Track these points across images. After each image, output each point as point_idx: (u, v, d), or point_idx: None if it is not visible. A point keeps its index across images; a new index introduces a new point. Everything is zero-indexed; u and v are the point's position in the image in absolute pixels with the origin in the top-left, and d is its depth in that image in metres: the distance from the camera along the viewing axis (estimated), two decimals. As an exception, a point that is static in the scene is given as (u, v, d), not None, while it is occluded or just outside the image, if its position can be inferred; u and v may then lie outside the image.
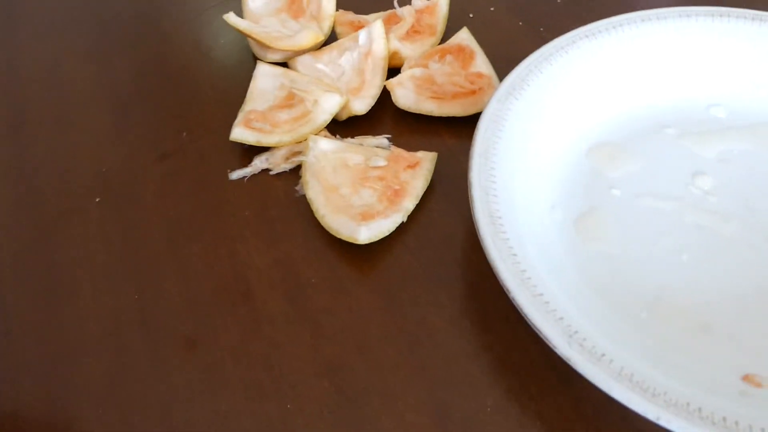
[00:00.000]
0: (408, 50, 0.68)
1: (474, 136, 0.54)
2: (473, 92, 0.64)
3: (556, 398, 0.47)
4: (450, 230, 0.58)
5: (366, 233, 0.55)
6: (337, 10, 0.74)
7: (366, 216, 0.56)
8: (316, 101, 0.63)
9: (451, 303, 0.53)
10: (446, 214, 0.59)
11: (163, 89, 0.73)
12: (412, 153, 0.61)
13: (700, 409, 0.40)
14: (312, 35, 0.68)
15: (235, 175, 0.63)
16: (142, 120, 0.70)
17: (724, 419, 0.40)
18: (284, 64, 0.71)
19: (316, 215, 0.57)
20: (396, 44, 0.67)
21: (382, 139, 0.64)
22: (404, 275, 0.55)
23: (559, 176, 0.57)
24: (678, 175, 0.57)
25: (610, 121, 0.61)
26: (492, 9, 0.77)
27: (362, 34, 0.67)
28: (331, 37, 0.72)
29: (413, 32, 0.70)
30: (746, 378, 0.45)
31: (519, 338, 0.50)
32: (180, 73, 0.75)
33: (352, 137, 0.65)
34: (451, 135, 0.65)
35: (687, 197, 0.55)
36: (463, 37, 0.68)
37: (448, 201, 0.60)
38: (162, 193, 0.63)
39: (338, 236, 0.56)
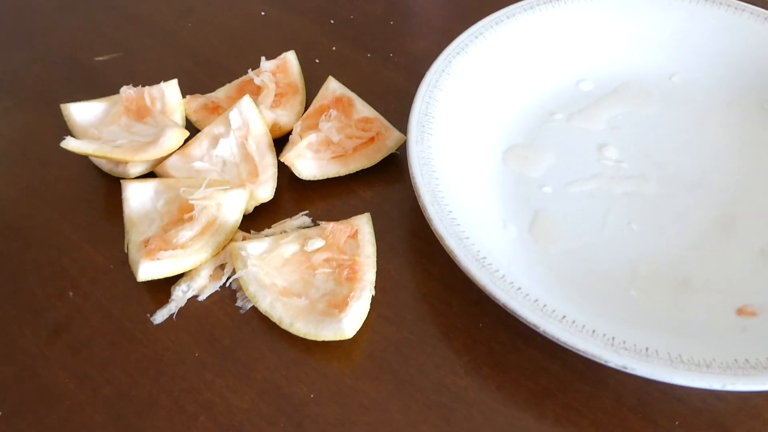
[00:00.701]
0: (284, 117, 0.64)
1: (412, 176, 0.53)
2: (372, 140, 0.62)
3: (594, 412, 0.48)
4: (415, 283, 0.55)
5: (350, 324, 0.50)
6: (183, 96, 0.66)
7: (337, 305, 0.51)
8: (219, 204, 0.56)
9: (459, 355, 0.51)
10: (403, 268, 0.56)
11: (11, 248, 0.59)
12: (343, 222, 0.57)
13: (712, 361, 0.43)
14: (178, 134, 0.60)
15: (159, 317, 0.54)
16: (12, 290, 0.56)
17: (747, 361, 0.43)
18: (150, 174, 0.62)
19: (282, 325, 0.51)
20: (270, 115, 0.62)
21: (303, 218, 0.59)
22: (397, 347, 0.52)
23: (495, 192, 0.58)
24: (587, 155, 0.61)
25: (511, 122, 0.63)
26: (334, 48, 0.75)
27: (233, 116, 0.61)
28: (189, 128, 0.64)
29: (278, 96, 0.65)
30: (740, 311, 0.50)
31: (534, 360, 0.50)
32: (21, 224, 0.61)
33: (269, 227, 0.59)
34: (364, 187, 0.62)
35: (605, 171, 0.59)
36: (335, 87, 0.65)
37: (399, 254, 0.57)
38: (77, 375, 0.51)
39: (319, 339, 0.50)
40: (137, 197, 0.59)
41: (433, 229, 0.50)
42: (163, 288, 0.55)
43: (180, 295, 0.55)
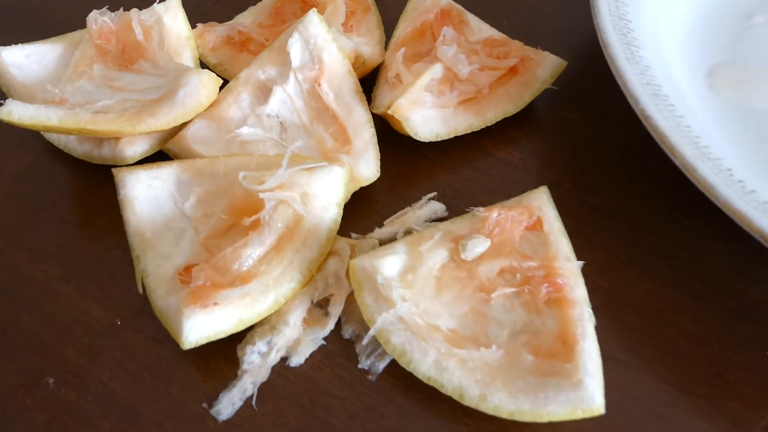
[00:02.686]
0: (364, 46, 0.40)
1: (646, 116, 0.31)
2: (513, 71, 0.39)
3: None
4: (637, 291, 0.34)
5: (595, 386, 0.28)
6: (193, 27, 0.41)
7: (554, 352, 0.29)
8: (305, 195, 0.32)
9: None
10: (608, 269, 0.35)
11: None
12: (512, 204, 0.34)
13: None
14: (209, 80, 0.35)
15: (225, 407, 0.30)
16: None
17: None
18: (157, 156, 0.37)
19: (465, 401, 0.29)
20: (348, 42, 0.38)
21: (433, 204, 0.36)
22: (656, 414, 0.30)
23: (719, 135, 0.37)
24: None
25: (700, 35, 0.42)
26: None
27: (294, 47, 0.36)
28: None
29: (348, 15, 0.41)
30: None
31: None
32: None
33: (380, 226, 0.35)
34: (504, 146, 0.39)
35: None
36: (435, -3, 0.41)
37: (592, 245, 0.35)
38: None
39: (543, 420, 0.28)
40: (147, 195, 0.34)
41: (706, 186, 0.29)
42: (223, 352, 0.31)
43: (257, 362, 0.31)
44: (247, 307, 0.31)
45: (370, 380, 0.31)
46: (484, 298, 0.32)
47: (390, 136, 0.38)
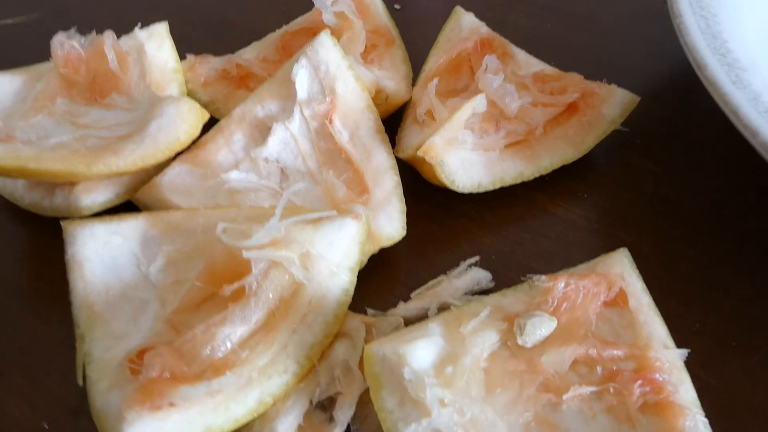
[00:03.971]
0: (389, 81, 0.32)
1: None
2: (574, 106, 0.31)
3: None
4: (756, 390, 0.24)
5: None
6: (182, 58, 0.34)
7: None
8: (307, 255, 0.24)
9: None
10: (711, 356, 0.25)
11: None
12: (581, 273, 0.25)
13: None
14: (191, 113, 0.28)
15: None
16: None
17: None
18: (125, 208, 0.29)
19: None
20: (368, 74, 0.31)
21: (476, 273, 0.27)
22: None
23: None
24: None
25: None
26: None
27: (300, 76, 0.29)
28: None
29: (367, 48, 0.34)
30: None
31: None
32: None
33: (405, 300, 0.27)
34: (556, 197, 0.31)
35: None
36: (473, 23, 0.34)
37: (688, 327, 0.26)
38: None
39: None
40: (102, 255, 0.26)
41: None
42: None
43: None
44: (219, 409, 0.22)
45: None
46: (553, 400, 0.23)
47: (419, 187, 0.31)
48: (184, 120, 0.27)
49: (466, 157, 0.29)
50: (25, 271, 0.29)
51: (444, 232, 0.30)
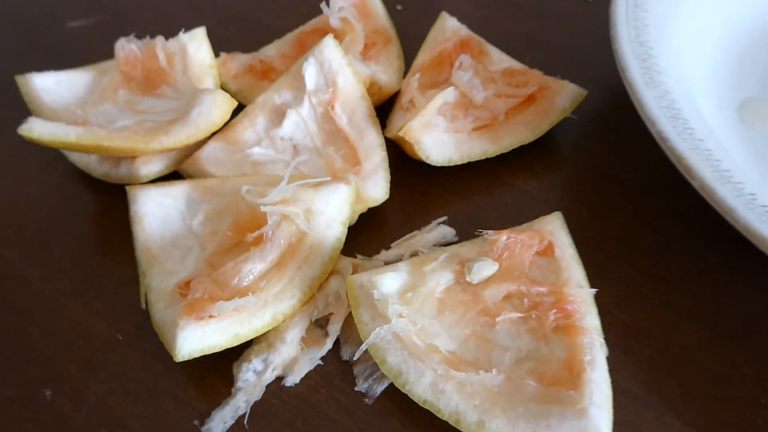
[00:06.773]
0: (382, 74, 0.40)
1: (665, 140, 0.29)
2: (531, 99, 0.38)
3: None
4: (654, 321, 0.32)
5: (602, 415, 0.26)
6: (216, 55, 0.42)
7: (559, 380, 0.27)
8: (309, 212, 0.32)
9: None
10: (626, 298, 0.33)
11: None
12: (524, 229, 0.33)
13: None
14: (223, 100, 0.36)
15: (217, 425, 0.29)
16: None
17: None
18: (171, 176, 0.37)
19: (461, 427, 0.27)
20: (365, 69, 0.38)
21: (442, 228, 0.35)
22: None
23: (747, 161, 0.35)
24: None
25: (733, 67, 0.41)
26: (418, -8, 0.52)
27: (309, 71, 0.37)
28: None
29: (365, 47, 0.42)
30: None
31: None
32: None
33: (387, 248, 0.35)
34: (520, 174, 0.38)
35: None
36: (455, 26, 0.42)
37: (606, 274, 0.33)
38: None
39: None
40: (157, 212, 0.34)
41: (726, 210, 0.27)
42: (219, 368, 0.31)
43: (252, 380, 0.30)
44: (244, 322, 0.30)
45: (366, 404, 0.29)
46: (489, 322, 0.30)
47: (403, 162, 0.38)
48: (218, 107, 0.35)
49: (439, 137, 0.36)
50: (99, 226, 0.37)
51: (421, 198, 0.37)
